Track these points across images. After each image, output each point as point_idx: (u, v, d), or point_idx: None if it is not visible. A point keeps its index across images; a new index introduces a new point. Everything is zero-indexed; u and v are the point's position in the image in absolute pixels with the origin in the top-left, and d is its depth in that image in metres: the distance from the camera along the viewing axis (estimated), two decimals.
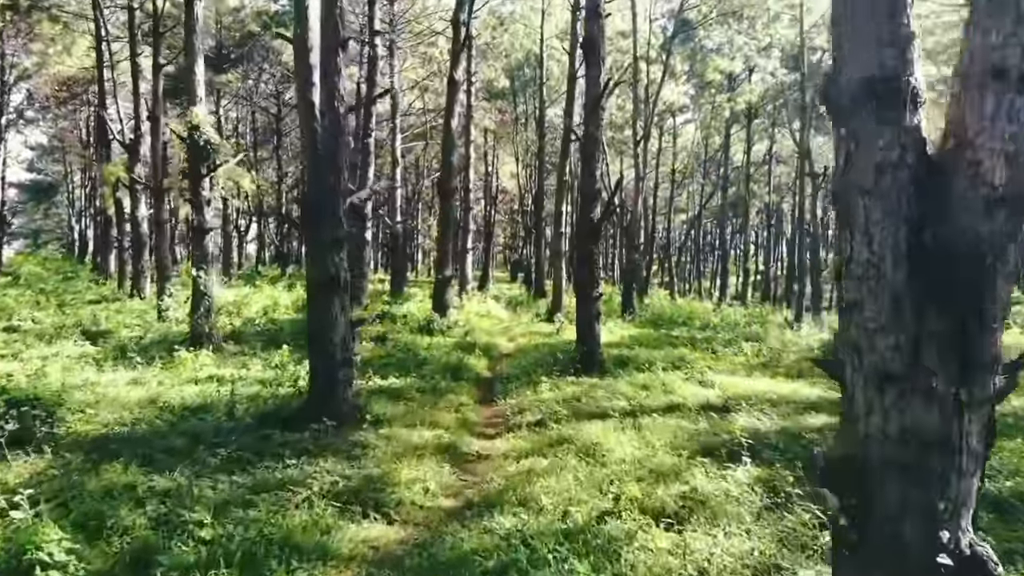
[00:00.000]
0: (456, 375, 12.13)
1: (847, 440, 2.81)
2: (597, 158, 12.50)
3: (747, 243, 37.66)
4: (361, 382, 10.78)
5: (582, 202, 12.77)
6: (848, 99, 2.67)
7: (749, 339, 18.43)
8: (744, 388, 11.77)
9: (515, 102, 36.71)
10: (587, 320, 12.68)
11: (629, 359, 13.91)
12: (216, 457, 6.75)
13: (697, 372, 12.81)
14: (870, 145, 2.61)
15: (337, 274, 7.61)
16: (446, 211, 17.26)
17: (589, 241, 12.53)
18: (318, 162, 7.45)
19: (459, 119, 17.48)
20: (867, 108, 2.62)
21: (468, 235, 26.31)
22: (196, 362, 11.68)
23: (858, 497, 2.67)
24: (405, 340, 15.38)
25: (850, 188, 2.67)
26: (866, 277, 2.62)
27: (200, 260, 12.96)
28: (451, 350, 14.68)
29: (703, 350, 16.62)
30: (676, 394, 10.89)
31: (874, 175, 2.58)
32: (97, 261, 32.23)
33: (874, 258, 2.57)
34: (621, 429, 8.61)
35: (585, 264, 12.66)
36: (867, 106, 2.62)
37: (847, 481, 2.73)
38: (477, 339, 16.40)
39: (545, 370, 12.49)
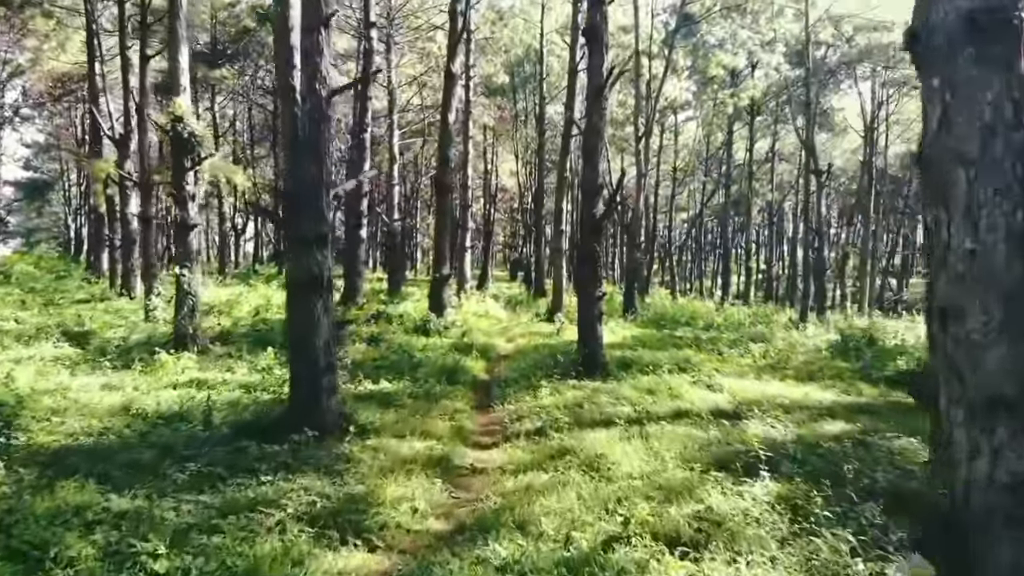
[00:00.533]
0: (452, 378, 11.50)
1: (938, 482, 2.15)
2: (600, 151, 11.86)
3: (749, 242, 36.99)
4: (351, 386, 10.16)
5: (584, 197, 12.14)
6: (943, 39, 2.01)
7: (755, 340, 17.86)
8: (754, 392, 11.17)
9: (515, 99, 36.05)
10: (589, 321, 12.05)
11: (632, 361, 13.29)
12: (184, 472, 6.12)
13: (704, 375, 12.20)
14: (973, 99, 1.95)
15: (320, 273, 6.96)
16: (443, 207, 16.62)
17: (591, 238, 11.89)
18: (298, 150, 6.80)
19: (456, 113, 16.86)
20: (968, 50, 1.95)
21: (467, 233, 25.66)
22: (177, 365, 11.04)
23: (954, 559, 2.02)
24: (400, 341, 14.75)
25: (946, 156, 2.01)
26: (969, 274, 1.95)
27: (184, 258, 12.31)
28: (447, 352, 14.05)
29: (708, 351, 16.04)
30: (684, 399, 10.27)
31: (980, 139, 1.91)
32: (91, 260, 31.56)
33: (981, 248, 1.91)
34: (627, 439, 7.98)
35: (587, 262, 12.03)
36: (968, 47, 1.95)
37: (938, 538, 2.08)
38: (475, 340, 15.77)
39: (545, 373, 11.86)
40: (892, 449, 8.12)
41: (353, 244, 20.22)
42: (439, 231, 16.88)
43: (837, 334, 19.75)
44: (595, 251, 11.91)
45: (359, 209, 19.91)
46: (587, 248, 11.94)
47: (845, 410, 10.31)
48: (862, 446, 8.22)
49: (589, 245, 11.90)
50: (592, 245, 11.88)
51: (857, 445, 8.24)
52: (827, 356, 16.37)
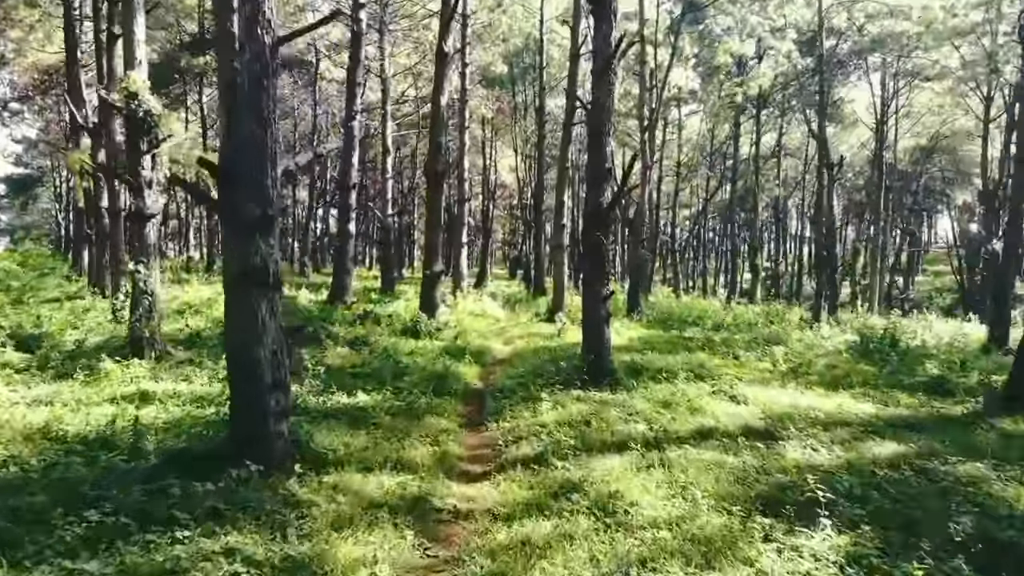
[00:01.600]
0: (440, 388, 10.02)
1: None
2: (607, 132, 10.38)
3: (755, 238, 35.48)
4: (321, 399, 8.70)
5: (589, 185, 10.67)
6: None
7: (770, 341, 16.44)
8: (783, 404, 9.77)
9: (513, 90, 34.50)
10: (595, 322, 10.58)
11: (642, 367, 11.86)
12: (80, 525, 4.64)
13: (724, 384, 10.77)
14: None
15: (264, 265, 5.47)
16: (435, 199, 15.12)
17: (597, 230, 10.42)
18: (237, 110, 5.33)
19: (448, 96, 15.39)
20: None
21: (463, 228, 24.13)
22: (125, 374, 9.57)
23: None
24: (386, 344, 13.30)
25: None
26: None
27: (140, 252, 10.79)
28: (437, 356, 12.59)
29: (723, 355, 14.65)
30: (706, 414, 8.83)
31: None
32: (74, 257, 30.11)
33: None
34: (645, 468, 6.53)
35: (593, 257, 10.55)
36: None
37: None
38: (469, 342, 14.32)
39: (546, 381, 10.41)
40: (959, 478, 6.73)
41: (342, 240, 18.75)
42: (431, 224, 15.38)
43: (854, 334, 18.43)
44: (601, 245, 10.43)
45: (348, 203, 18.44)
46: (592, 241, 10.47)
47: (888, 425, 8.90)
48: (923, 474, 6.84)
49: (595, 238, 10.42)
50: (598, 238, 10.40)
51: (918, 473, 6.85)
52: (848, 359, 14.98)
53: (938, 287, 55.48)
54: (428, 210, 15.57)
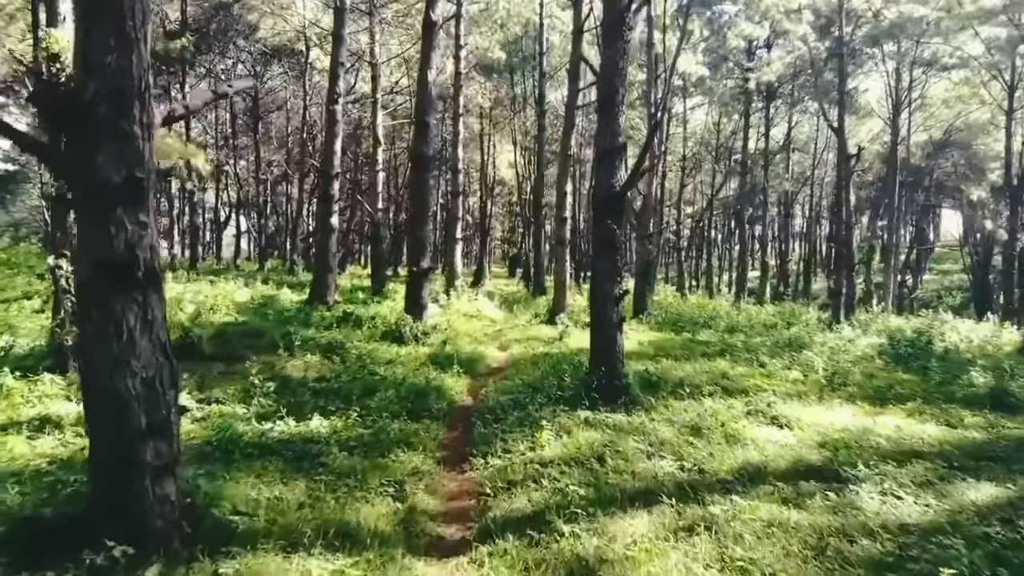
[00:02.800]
0: (419, 408, 8.18)
1: None
2: (621, 99, 8.54)
3: (765, 236, 33.63)
4: (260, 426, 6.84)
5: (600, 162, 8.81)
6: None
7: (792, 346, 14.66)
8: (834, 427, 7.99)
9: (512, 80, 32.62)
10: (606, 328, 8.74)
11: (659, 378, 10.05)
12: None
13: (759, 401, 8.97)
14: None
15: (129, 255, 3.64)
16: (421, 185, 13.24)
17: (610, 217, 8.58)
18: (84, 20, 3.51)
19: (438, 72, 13.51)
20: None
21: (457, 223, 22.24)
22: (32, 392, 7.73)
23: None
24: (363, 351, 11.46)
25: None
26: None
27: (62, 244, 8.89)
28: (421, 365, 10.77)
29: (746, 362, 12.83)
30: (746, 443, 7.03)
31: None
32: None
33: None
34: (685, 533, 4.71)
35: (604, 251, 8.70)
36: None
37: None
38: (459, 348, 12.47)
39: (547, 398, 8.59)
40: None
41: (323, 234, 16.89)
42: (417, 215, 13.50)
43: (879, 336, 16.72)
44: (614, 235, 8.59)
45: (329, 192, 16.57)
46: (604, 231, 8.62)
47: (967, 456, 7.08)
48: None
49: (607, 228, 8.58)
50: (611, 227, 8.56)
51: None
52: (883, 365, 13.20)
53: (946, 286, 53.67)
54: (413, 198, 13.69)
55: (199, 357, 10.82)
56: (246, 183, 38.00)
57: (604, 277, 8.70)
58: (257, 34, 31.26)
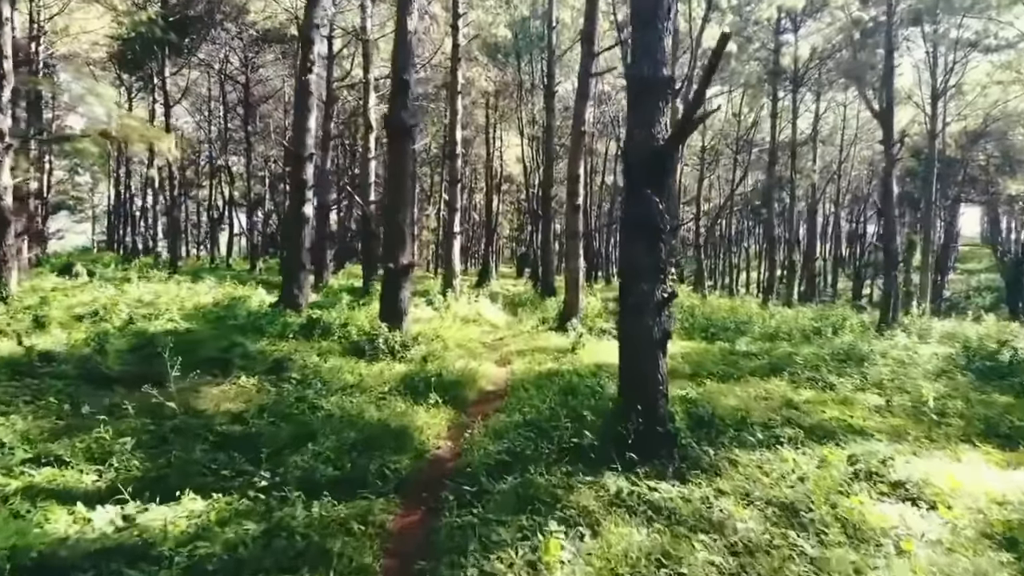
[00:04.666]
0: (363, 472, 5.33)
1: None
2: (668, 7, 5.66)
3: (793, 231, 30.58)
4: (95, 513, 4.03)
5: (636, 103, 5.90)
6: None
7: (851, 358, 11.81)
8: (993, 499, 5.13)
9: (519, 65, 29.69)
10: (642, 348, 5.84)
11: (709, 411, 7.24)
12: None
13: (865, 454, 6.13)
14: None
15: None
16: (398, 159, 10.34)
17: (649, 181, 5.71)
18: None
19: (416, 18, 10.64)
20: None
21: (456, 214, 19.29)
22: None
23: None
24: (320, 372, 8.65)
25: None
26: None
27: None
28: (390, 392, 7.94)
29: (809, 383, 10.02)
30: (877, 538, 4.17)
31: None
32: None
33: None
34: None
35: (640, 234, 5.81)
36: None
37: None
38: (445, 365, 9.60)
39: (557, 451, 5.77)
40: None
41: (295, 226, 14.07)
42: (393, 196, 10.55)
43: (946, 345, 13.87)
44: (655, 211, 5.70)
45: (302, 178, 13.75)
46: (640, 206, 5.74)
47: None
48: None
49: (644, 199, 5.69)
50: (649, 199, 5.68)
51: None
52: (970, 384, 10.33)
53: (973, 286, 50.31)
54: (389, 177, 10.80)
55: (98, 379, 8.06)
56: (241, 179, 35.31)
57: (640, 272, 5.81)
58: (248, 17, 28.55)
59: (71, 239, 55.49)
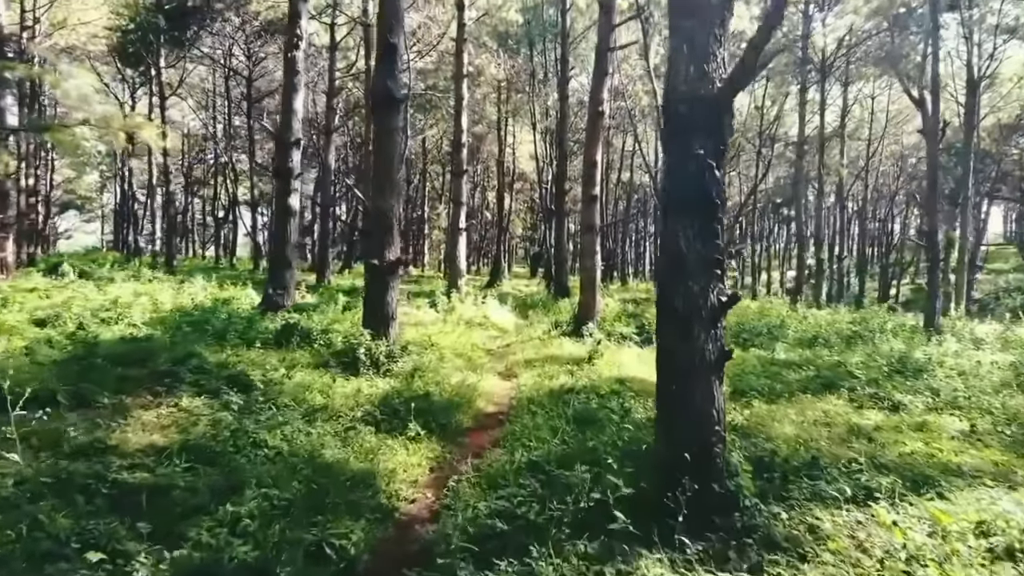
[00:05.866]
0: (296, 557, 3.68)
1: None
2: None
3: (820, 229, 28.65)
4: None
5: (678, 24, 4.20)
6: None
7: (907, 368, 10.10)
8: None
9: (532, 54, 27.97)
10: (689, 375, 4.12)
11: (765, 447, 5.56)
12: None
13: (995, 520, 4.35)
14: None
15: None
16: (383, 137, 8.63)
17: (698, 135, 4.01)
18: None
19: None
20: None
21: (461, 208, 17.56)
22: None
23: None
24: (283, 388, 7.01)
25: None
26: None
27: None
28: (363, 417, 6.29)
29: (870, 400, 8.32)
30: None
31: None
32: None
33: None
34: None
35: (689, 211, 4.10)
36: None
37: None
38: (439, 379, 7.94)
39: (572, 516, 4.07)
40: None
41: (280, 220, 12.50)
42: (378, 179, 8.82)
43: (1010, 352, 12.12)
44: (709, 180, 4.01)
45: (288, 166, 12.18)
46: (687, 173, 4.05)
47: None
48: None
49: (693, 160, 4.00)
50: (702, 163, 3.99)
51: None
52: None
53: (1002, 286, 48.12)
54: (376, 156, 9.11)
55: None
56: (245, 176, 33.91)
57: (687, 265, 4.10)
58: (250, 7, 27.06)
59: (81, 239, 54.47)
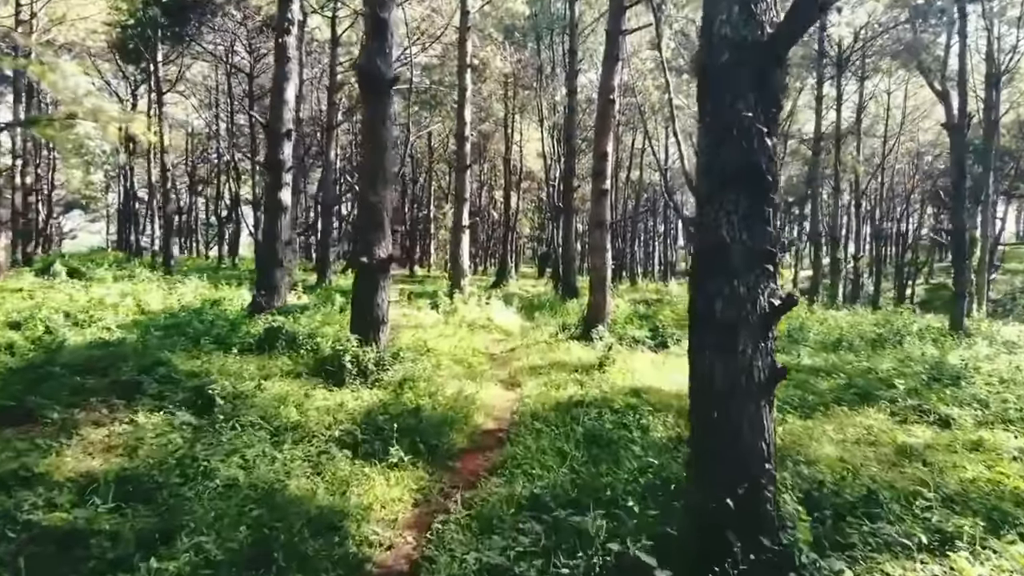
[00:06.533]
0: None
1: None
2: None
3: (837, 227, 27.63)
4: None
5: None
6: None
7: (944, 375, 9.20)
8: None
9: (539, 47, 27.02)
10: (734, 398, 3.20)
11: (819, 481, 4.62)
12: None
13: None
14: None
15: None
16: (373, 121, 7.73)
17: (747, 96, 3.08)
18: None
19: None
20: None
21: (464, 205, 16.58)
22: None
23: None
24: (253, 402, 6.13)
25: None
26: None
27: None
28: (340, 438, 5.40)
29: (913, 413, 7.46)
30: None
31: None
32: None
33: None
34: None
35: (734, 186, 3.18)
36: None
37: None
38: (432, 390, 7.04)
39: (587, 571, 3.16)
40: None
41: (270, 215, 11.64)
42: (367, 169, 7.91)
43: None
44: (759, 148, 3.10)
45: (279, 158, 11.33)
46: (730, 137, 3.13)
47: None
48: None
49: (737, 126, 3.08)
50: (749, 126, 3.07)
51: None
52: None
53: (1019, 287, 46.97)
54: (365, 143, 8.18)
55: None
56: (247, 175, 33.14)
57: (730, 257, 3.19)
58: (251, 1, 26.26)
59: (86, 239, 53.86)
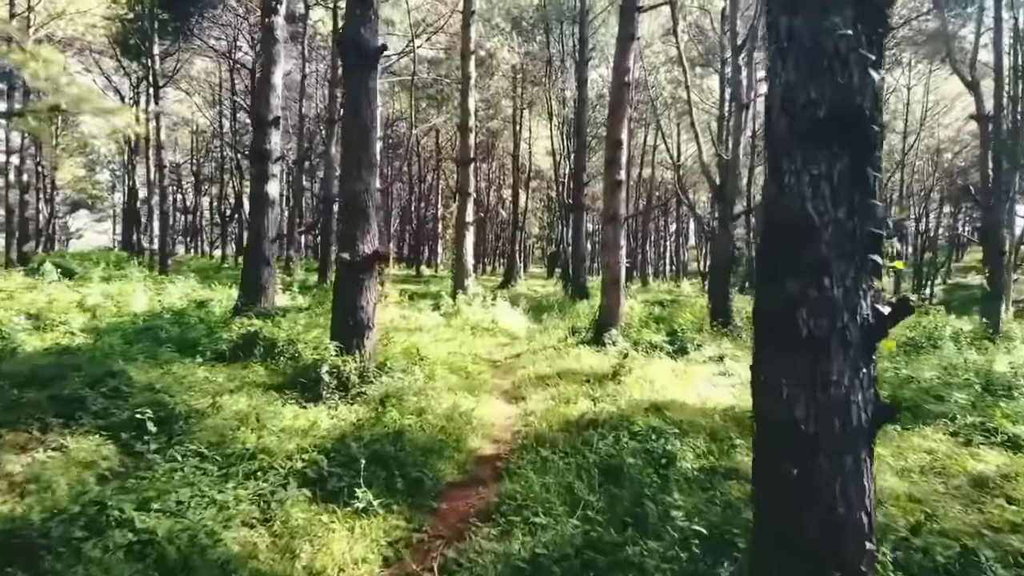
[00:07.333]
0: None
1: None
2: None
3: None
4: None
5: None
6: None
7: (993, 384, 8.11)
8: None
9: (548, 37, 26.01)
10: (830, 445, 2.21)
11: (886, 523, 3.53)
12: None
13: None
14: None
15: None
16: (355, 94, 6.79)
17: (847, 7, 2.08)
18: None
19: None
20: None
21: (468, 200, 15.55)
22: None
23: None
24: (206, 423, 5.18)
25: None
26: None
27: None
28: (304, 471, 4.42)
29: (978, 433, 6.41)
30: None
31: None
32: None
33: None
34: None
35: (816, 145, 2.19)
36: None
37: None
38: (422, 407, 6.07)
39: None
40: None
41: (256, 210, 10.73)
42: (349, 151, 6.91)
43: None
44: (862, 88, 2.11)
45: (264, 147, 10.42)
46: (824, 78, 2.14)
47: None
48: None
49: (826, 60, 2.09)
50: (842, 62, 2.07)
51: None
52: None
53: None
54: (346, 123, 7.20)
55: None
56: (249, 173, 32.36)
57: (818, 243, 2.21)
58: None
59: (93, 238, 53.35)
